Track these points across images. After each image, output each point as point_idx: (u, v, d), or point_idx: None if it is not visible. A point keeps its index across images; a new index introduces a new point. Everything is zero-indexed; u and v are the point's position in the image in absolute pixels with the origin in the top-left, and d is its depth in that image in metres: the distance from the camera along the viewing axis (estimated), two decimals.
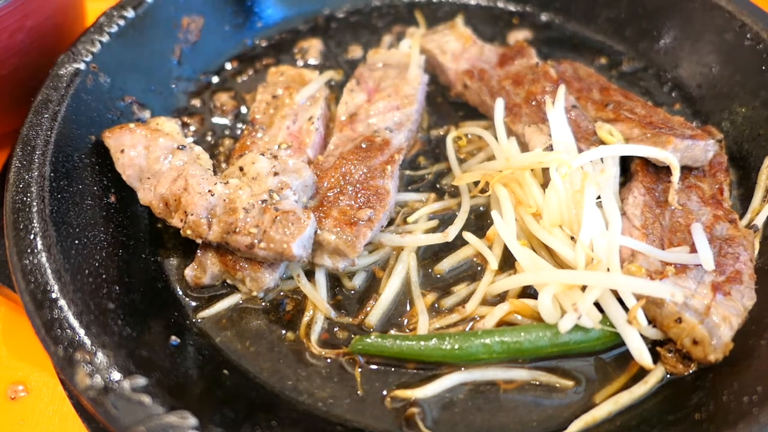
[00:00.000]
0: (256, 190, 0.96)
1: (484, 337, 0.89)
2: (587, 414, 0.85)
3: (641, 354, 0.87)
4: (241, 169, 1.00)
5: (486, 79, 1.21)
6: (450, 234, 1.02)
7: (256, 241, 0.90)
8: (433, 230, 1.06)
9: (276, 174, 0.98)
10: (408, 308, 0.98)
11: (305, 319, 0.96)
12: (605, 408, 0.86)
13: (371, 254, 1.02)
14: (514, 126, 1.12)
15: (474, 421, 0.86)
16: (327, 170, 1.05)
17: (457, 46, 1.28)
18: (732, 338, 0.87)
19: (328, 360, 0.92)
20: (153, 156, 1.02)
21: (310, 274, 1.00)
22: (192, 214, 0.94)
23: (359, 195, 1.01)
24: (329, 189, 1.02)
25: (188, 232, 0.95)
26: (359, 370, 0.91)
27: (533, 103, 1.13)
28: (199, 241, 0.95)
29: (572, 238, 0.96)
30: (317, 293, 0.98)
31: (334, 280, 1.01)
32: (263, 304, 0.98)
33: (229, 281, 1.00)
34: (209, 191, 0.95)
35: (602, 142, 1.05)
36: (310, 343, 0.94)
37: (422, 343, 0.90)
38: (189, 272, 0.98)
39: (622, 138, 1.05)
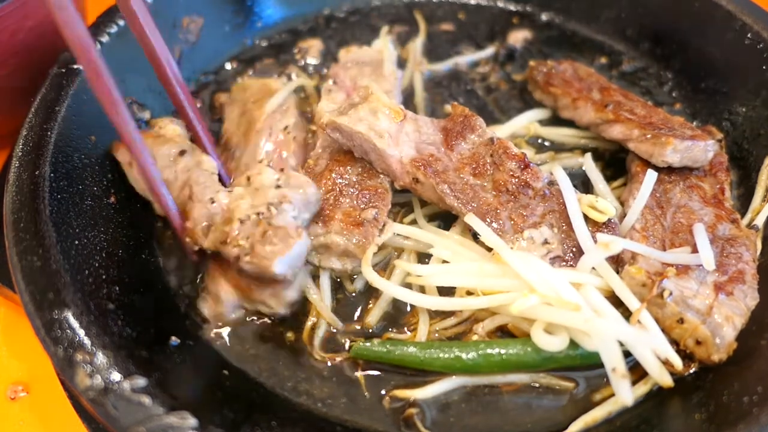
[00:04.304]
0: (256, 202, 0.93)
1: (485, 349, 0.88)
2: (587, 414, 0.85)
3: (661, 375, 0.86)
4: (248, 178, 0.97)
5: (441, 171, 0.99)
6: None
7: (242, 254, 0.88)
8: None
9: (278, 187, 0.94)
10: (408, 309, 0.97)
11: (308, 323, 0.95)
12: (605, 408, 0.86)
13: (375, 255, 1.02)
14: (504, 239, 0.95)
15: (473, 422, 0.86)
16: (321, 174, 1.04)
17: (391, 125, 1.02)
18: (735, 338, 0.87)
19: (328, 362, 0.92)
20: (159, 165, 0.99)
21: (313, 277, 0.99)
22: (191, 222, 0.93)
23: (359, 196, 1.00)
24: (327, 192, 1.01)
25: (186, 239, 0.93)
26: (360, 372, 0.91)
27: (506, 199, 0.98)
28: (194, 247, 0.94)
29: None
30: (324, 303, 0.96)
31: (333, 281, 1.01)
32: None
33: (248, 306, 0.96)
34: (211, 199, 0.94)
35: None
36: (313, 349, 0.93)
37: (423, 353, 0.89)
38: (204, 306, 0.95)
39: (611, 209, 0.96)
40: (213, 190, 0.95)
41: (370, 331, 0.95)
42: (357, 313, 0.98)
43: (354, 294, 0.99)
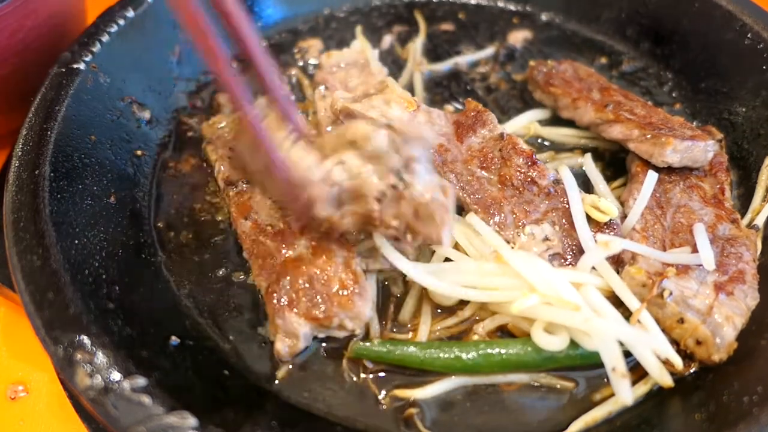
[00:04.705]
0: (382, 173, 0.84)
1: (486, 349, 0.88)
2: (587, 414, 0.85)
3: (661, 375, 0.86)
4: (353, 143, 0.85)
5: (450, 161, 1.01)
6: None
7: (402, 235, 0.86)
8: None
9: (398, 149, 0.84)
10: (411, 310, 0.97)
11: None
12: (605, 408, 0.85)
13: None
14: (503, 234, 0.96)
15: (473, 422, 0.86)
16: None
17: (402, 114, 1.03)
18: (736, 338, 0.87)
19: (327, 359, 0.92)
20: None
21: None
22: (320, 209, 0.85)
23: None
24: None
25: (326, 226, 0.87)
26: (363, 374, 0.90)
27: (511, 193, 0.99)
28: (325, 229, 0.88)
29: None
30: (375, 317, 0.94)
31: None
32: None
33: (321, 335, 0.91)
34: (331, 182, 0.84)
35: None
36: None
37: (423, 353, 0.89)
38: (282, 346, 0.88)
39: (614, 209, 0.97)
40: (314, 165, 0.84)
41: (406, 327, 0.94)
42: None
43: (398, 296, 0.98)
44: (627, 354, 0.86)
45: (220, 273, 1.01)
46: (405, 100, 1.04)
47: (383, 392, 0.89)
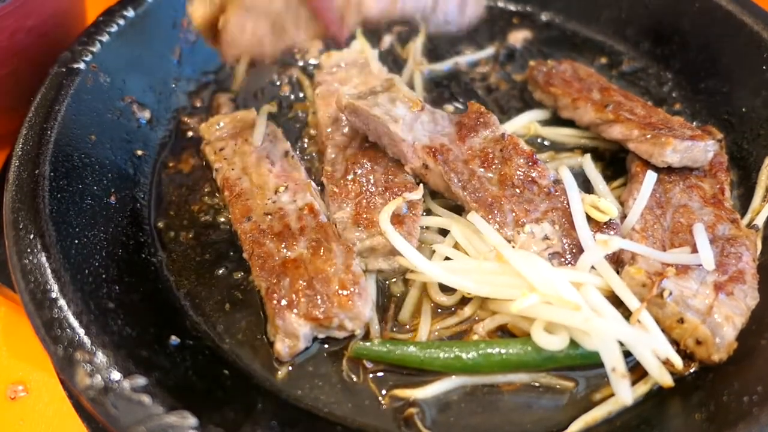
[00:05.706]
0: None
1: (486, 349, 0.88)
2: (587, 414, 0.85)
3: (661, 375, 0.86)
4: None
5: (451, 160, 1.02)
6: None
7: None
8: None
9: None
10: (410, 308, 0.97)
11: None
12: (605, 408, 0.85)
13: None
14: (502, 232, 0.96)
15: (473, 422, 0.86)
16: (343, 178, 1.04)
17: (407, 113, 1.05)
18: (736, 338, 0.87)
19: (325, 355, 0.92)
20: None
21: None
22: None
23: (391, 192, 1.01)
24: (357, 196, 1.01)
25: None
26: (363, 374, 0.90)
27: (511, 192, 0.99)
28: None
29: None
30: (375, 317, 0.95)
31: None
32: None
33: (321, 335, 0.91)
34: None
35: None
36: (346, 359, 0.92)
37: (423, 352, 0.89)
38: (282, 347, 0.88)
39: (614, 209, 0.96)
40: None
41: (406, 327, 0.95)
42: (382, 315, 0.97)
43: (399, 295, 0.98)
44: (627, 354, 0.86)
45: (220, 273, 1.01)
46: (410, 100, 1.06)
47: (383, 392, 0.89)
